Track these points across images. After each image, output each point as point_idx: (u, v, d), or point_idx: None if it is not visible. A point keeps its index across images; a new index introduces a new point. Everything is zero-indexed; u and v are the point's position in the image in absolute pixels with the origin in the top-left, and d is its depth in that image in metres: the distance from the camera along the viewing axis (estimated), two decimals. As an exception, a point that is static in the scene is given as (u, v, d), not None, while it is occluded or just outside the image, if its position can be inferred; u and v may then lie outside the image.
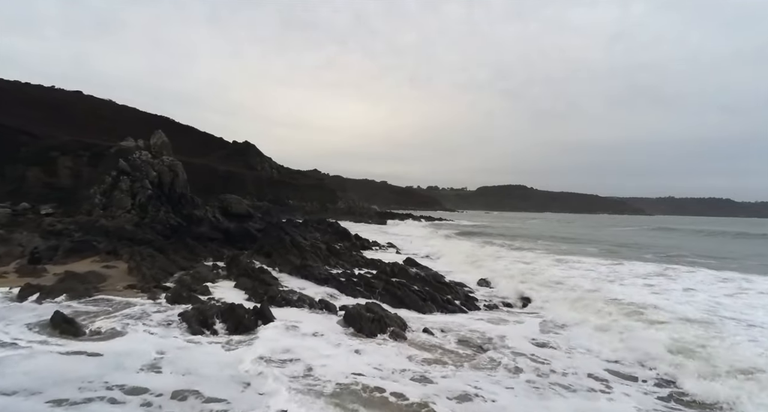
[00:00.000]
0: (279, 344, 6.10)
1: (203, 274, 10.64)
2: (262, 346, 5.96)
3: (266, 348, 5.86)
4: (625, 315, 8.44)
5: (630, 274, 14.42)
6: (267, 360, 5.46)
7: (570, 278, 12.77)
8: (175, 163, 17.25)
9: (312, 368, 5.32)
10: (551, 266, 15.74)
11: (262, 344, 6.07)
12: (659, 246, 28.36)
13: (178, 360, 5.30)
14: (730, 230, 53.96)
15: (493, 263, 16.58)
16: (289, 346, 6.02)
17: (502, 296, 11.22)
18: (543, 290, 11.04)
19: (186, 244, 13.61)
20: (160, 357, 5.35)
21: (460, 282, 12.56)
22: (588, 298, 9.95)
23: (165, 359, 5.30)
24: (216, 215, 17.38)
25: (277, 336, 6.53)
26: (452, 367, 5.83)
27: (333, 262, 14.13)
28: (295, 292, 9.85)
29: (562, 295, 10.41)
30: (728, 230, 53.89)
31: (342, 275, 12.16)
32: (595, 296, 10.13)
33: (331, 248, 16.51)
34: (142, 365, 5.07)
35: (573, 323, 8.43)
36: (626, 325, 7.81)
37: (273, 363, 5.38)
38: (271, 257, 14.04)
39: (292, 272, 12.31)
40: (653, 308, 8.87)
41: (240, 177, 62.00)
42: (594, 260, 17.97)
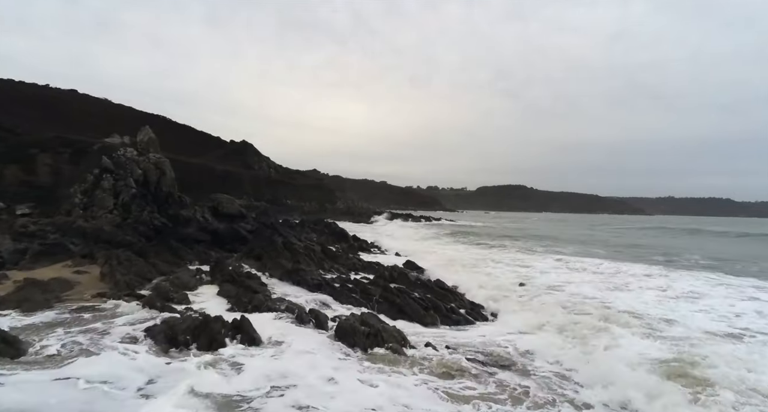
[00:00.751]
0: (256, 366, 5.18)
1: (184, 280, 9.72)
2: (233, 371, 5.05)
3: (242, 375, 4.94)
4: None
5: (637, 279, 13.60)
6: (237, 397, 4.51)
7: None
8: (162, 161, 16.33)
9: (300, 406, 4.35)
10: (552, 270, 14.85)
11: (234, 368, 5.15)
12: (666, 247, 27.46)
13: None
14: (732, 229, 53.14)
15: (493, 267, 15.69)
16: (269, 370, 5.09)
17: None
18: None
19: (170, 246, 12.68)
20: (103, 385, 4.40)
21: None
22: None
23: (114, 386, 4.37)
24: (205, 216, 16.45)
25: (256, 356, 5.62)
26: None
27: (328, 265, 13.21)
28: (283, 300, 8.95)
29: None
30: (731, 229, 53.06)
31: (336, 280, 11.24)
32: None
33: (327, 250, 15.59)
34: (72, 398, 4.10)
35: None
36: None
37: (244, 400, 4.43)
38: (262, 260, 13.11)
39: (282, 276, 11.39)
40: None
41: (237, 177, 61.10)
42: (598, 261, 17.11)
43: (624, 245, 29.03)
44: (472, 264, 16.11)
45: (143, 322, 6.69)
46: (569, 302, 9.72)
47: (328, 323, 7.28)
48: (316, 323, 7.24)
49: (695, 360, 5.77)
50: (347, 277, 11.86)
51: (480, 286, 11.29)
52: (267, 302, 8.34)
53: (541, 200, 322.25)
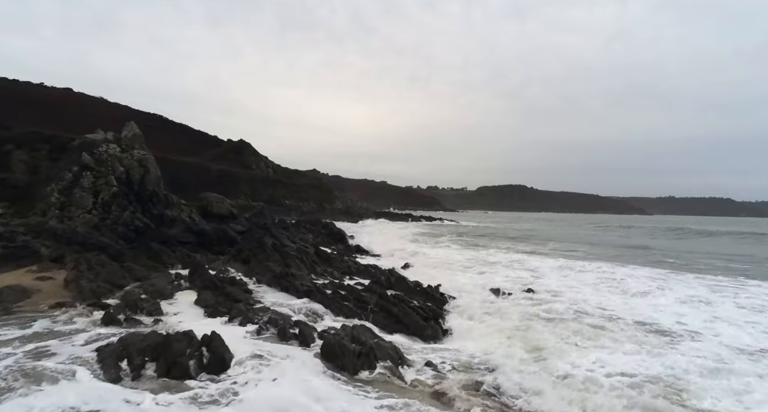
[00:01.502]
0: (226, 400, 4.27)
1: (159, 286, 8.79)
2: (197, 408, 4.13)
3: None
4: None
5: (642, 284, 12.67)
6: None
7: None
8: (146, 158, 15.40)
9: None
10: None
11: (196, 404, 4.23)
12: (677, 250, 26.46)
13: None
14: (742, 230, 52.12)
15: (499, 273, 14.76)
16: (245, 406, 4.18)
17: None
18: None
19: (150, 249, 11.76)
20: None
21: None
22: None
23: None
24: (192, 216, 15.53)
25: (227, 384, 4.71)
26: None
27: (320, 269, 12.29)
28: (267, 309, 8.03)
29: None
30: (743, 230, 52.00)
31: (329, 285, 10.33)
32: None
33: (321, 252, 14.68)
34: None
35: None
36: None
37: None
38: (250, 263, 12.21)
39: (270, 282, 10.47)
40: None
41: (234, 176, 60.17)
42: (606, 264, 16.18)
43: (630, 247, 28.13)
44: (479, 271, 15.19)
45: (98, 339, 5.78)
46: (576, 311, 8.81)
47: (314, 339, 6.35)
48: (300, 339, 6.31)
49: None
50: (341, 282, 10.95)
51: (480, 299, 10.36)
52: (248, 312, 7.42)
53: (542, 200, 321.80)
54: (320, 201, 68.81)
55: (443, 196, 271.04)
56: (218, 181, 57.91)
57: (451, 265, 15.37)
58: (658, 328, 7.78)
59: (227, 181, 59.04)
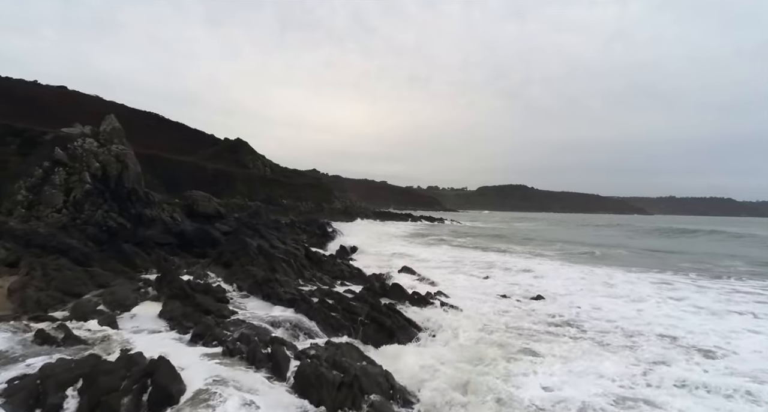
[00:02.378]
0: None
1: (120, 295, 7.72)
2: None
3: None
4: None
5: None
6: None
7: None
8: (125, 153, 14.33)
9: None
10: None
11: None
12: (696, 253, 25.02)
13: None
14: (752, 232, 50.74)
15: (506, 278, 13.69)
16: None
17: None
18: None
19: (121, 251, 10.68)
20: None
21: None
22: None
23: None
24: (174, 215, 14.45)
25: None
26: None
27: (309, 274, 11.21)
28: (242, 323, 6.94)
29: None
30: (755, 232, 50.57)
31: (316, 292, 9.24)
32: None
33: (312, 254, 13.59)
34: None
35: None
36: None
37: None
38: (231, 267, 11.12)
39: (252, 288, 9.39)
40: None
41: (230, 175, 59.02)
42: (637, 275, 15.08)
43: (641, 249, 27.02)
44: (482, 275, 14.11)
45: (18, 365, 4.69)
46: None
47: (289, 365, 5.25)
48: (273, 363, 5.22)
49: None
50: (330, 289, 9.85)
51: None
52: (216, 327, 6.33)
53: (542, 200, 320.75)
54: (319, 201, 67.71)
55: (443, 196, 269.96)
56: (214, 181, 56.79)
57: (452, 268, 14.28)
58: (696, 346, 6.70)
59: (223, 180, 57.92)
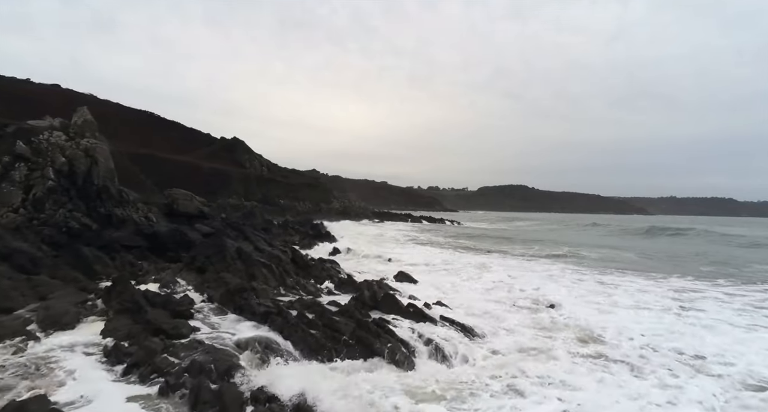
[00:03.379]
0: None
1: (57, 310, 6.48)
2: None
3: None
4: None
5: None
6: None
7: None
8: (95, 147, 13.11)
9: None
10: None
11: None
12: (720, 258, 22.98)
13: None
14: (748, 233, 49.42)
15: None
16: None
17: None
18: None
19: (80, 256, 9.45)
20: None
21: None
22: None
23: None
24: (149, 215, 13.22)
25: None
26: None
27: (292, 281, 9.96)
28: (197, 346, 5.70)
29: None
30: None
31: (297, 304, 8.00)
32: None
33: (298, 258, 12.35)
34: None
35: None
36: None
37: None
38: (205, 273, 9.90)
39: (223, 299, 8.16)
40: None
41: (226, 175, 57.86)
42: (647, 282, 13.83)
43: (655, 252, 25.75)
44: (487, 282, 12.87)
45: None
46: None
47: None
48: (219, 408, 3.98)
49: None
50: (313, 299, 8.61)
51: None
52: (160, 354, 5.10)
53: (543, 200, 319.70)
54: (317, 201, 66.56)
55: (444, 196, 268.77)
56: (210, 180, 55.64)
57: (453, 273, 13.04)
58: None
59: (219, 179, 56.80)
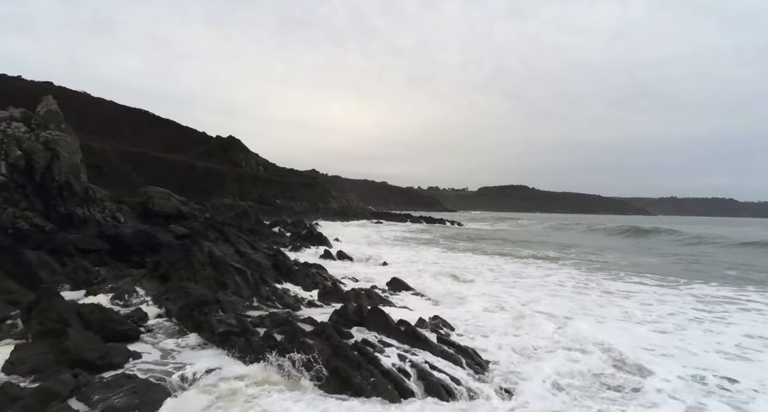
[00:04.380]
0: None
1: (-40, 333, 5.20)
2: None
3: None
4: None
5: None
6: None
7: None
8: (56, 140, 11.85)
9: None
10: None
11: None
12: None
13: None
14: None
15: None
16: None
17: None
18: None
19: (20, 262, 8.18)
20: None
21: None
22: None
23: None
24: (116, 215, 11.95)
25: None
26: None
27: (268, 291, 8.67)
28: (124, 383, 4.42)
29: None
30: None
31: (267, 320, 6.72)
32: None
33: (280, 263, 11.08)
34: None
35: None
36: None
37: None
38: (169, 281, 8.62)
39: (181, 314, 6.89)
40: None
41: (221, 174, 56.60)
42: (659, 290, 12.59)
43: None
44: (494, 292, 11.59)
45: None
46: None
47: None
48: None
49: None
50: (288, 313, 7.32)
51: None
52: (58, 401, 3.82)
53: (543, 201, 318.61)
54: (314, 201, 65.32)
55: (444, 196, 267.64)
56: (204, 180, 54.45)
57: (455, 280, 11.76)
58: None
59: (214, 179, 55.58)
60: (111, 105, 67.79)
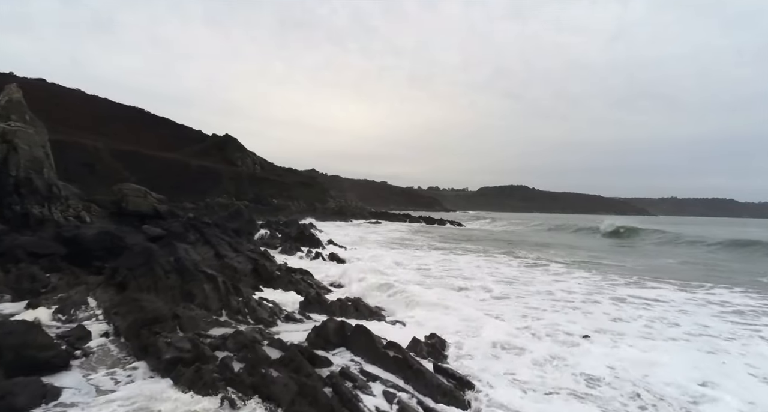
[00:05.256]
0: None
1: None
2: None
3: None
4: None
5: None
6: None
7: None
8: (15, 131, 10.71)
9: None
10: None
11: None
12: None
13: None
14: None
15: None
16: None
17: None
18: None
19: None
20: None
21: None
22: None
23: None
24: (81, 214, 10.82)
25: None
26: None
27: (240, 302, 7.53)
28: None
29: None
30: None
31: (230, 341, 5.59)
32: None
33: (261, 268, 9.95)
34: None
35: None
36: None
37: None
38: (127, 289, 7.50)
39: (128, 333, 5.78)
40: None
41: (216, 173, 55.49)
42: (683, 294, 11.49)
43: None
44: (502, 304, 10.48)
45: None
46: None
47: None
48: None
49: None
50: (257, 332, 6.19)
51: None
52: None
53: (543, 201, 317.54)
54: (312, 200, 64.19)
55: (444, 196, 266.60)
56: (199, 179, 53.35)
57: (455, 287, 10.63)
58: None
59: (209, 178, 54.47)
60: (105, 103, 66.75)
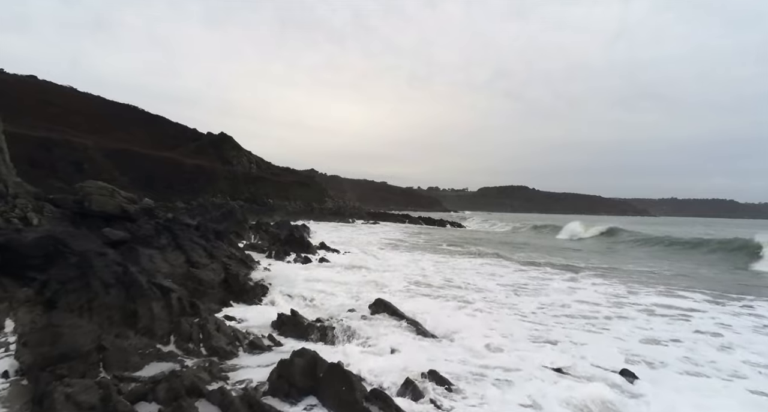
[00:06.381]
0: None
1: None
2: None
3: None
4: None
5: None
6: None
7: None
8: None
9: None
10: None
11: None
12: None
13: None
14: None
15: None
16: None
17: None
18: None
19: None
20: None
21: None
22: None
23: None
24: (28, 215, 9.43)
25: None
26: None
27: (195, 325, 6.13)
28: None
29: None
30: None
31: (161, 388, 4.19)
32: None
33: (232, 278, 8.55)
34: None
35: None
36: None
37: None
38: (57, 306, 6.10)
39: (30, 374, 4.39)
40: None
41: (211, 172, 54.12)
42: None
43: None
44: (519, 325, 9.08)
45: None
46: None
47: None
48: None
49: None
50: (209, 369, 4.80)
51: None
52: None
53: (544, 201, 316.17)
54: (310, 200, 62.79)
55: (444, 197, 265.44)
56: (193, 178, 52.01)
57: (458, 299, 9.23)
58: None
59: (203, 177, 53.12)
60: (98, 100, 65.33)
